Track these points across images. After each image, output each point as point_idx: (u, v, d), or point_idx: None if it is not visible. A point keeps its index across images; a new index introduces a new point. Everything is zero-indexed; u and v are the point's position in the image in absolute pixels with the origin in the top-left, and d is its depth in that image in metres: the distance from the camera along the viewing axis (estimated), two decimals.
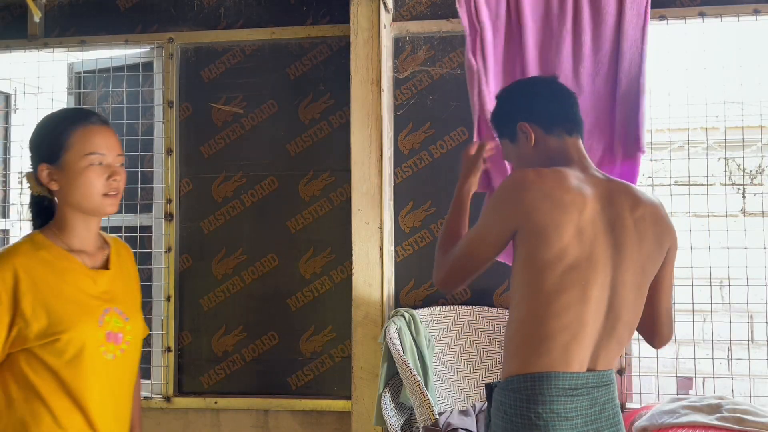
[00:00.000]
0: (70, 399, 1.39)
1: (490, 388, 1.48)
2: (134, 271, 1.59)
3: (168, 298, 2.93)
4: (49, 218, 1.47)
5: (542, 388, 1.34)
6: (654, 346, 1.61)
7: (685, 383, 2.80)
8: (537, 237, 1.36)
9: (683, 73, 2.68)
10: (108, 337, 1.43)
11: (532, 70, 2.44)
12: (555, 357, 1.34)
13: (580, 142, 1.56)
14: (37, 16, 3.01)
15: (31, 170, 1.46)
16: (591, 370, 1.37)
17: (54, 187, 1.42)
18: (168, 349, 2.93)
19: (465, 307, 2.70)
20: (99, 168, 1.41)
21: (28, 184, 1.47)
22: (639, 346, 2.64)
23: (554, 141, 1.54)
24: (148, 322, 2.97)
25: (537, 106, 1.57)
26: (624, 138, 2.35)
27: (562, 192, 1.38)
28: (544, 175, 1.41)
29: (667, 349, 2.61)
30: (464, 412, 2.43)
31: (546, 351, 1.34)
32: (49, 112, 1.51)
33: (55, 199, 1.45)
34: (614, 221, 1.40)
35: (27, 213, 1.52)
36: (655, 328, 1.55)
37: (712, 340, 2.58)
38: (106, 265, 1.49)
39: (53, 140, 1.41)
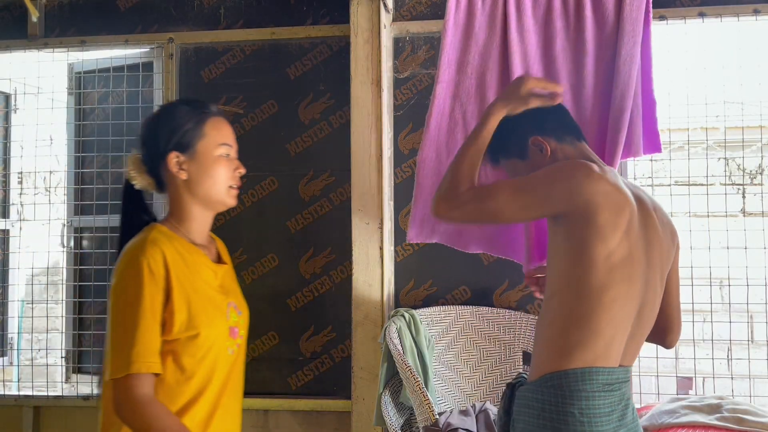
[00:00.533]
0: (195, 396, 1.37)
1: (512, 386, 1.47)
2: (232, 266, 1.59)
3: None
4: (150, 217, 1.45)
5: (585, 384, 1.33)
6: (667, 346, 1.63)
7: (685, 383, 2.80)
8: (594, 233, 1.34)
9: (683, 73, 2.68)
10: (230, 332, 1.43)
11: (535, 71, 2.44)
12: (598, 352, 1.35)
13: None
14: (34, 15, 3.01)
15: (136, 161, 1.42)
16: (621, 365, 1.40)
17: (183, 176, 1.39)
18: None
19: (465, 307, 2.70)
20: (228, 159, 1.42)
21: (131, 177, 1.43)
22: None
23: (569, 148, 1.53)
24: None
25: (546, 117, 1.55)
26: (612, 137, 2.34)
27: (618, 192, 1.38)
28: (605, 172, 1.39)
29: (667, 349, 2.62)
30: (464, 412, 2.43)
31: (591, 346, 1.34)
32: (159, 106, 1.48)
33: (178, 188, 1.41)
34: (645, 220, 1.44)
35: (123, 209, 1.46)
36: (668, 325, 1.59)
37: (712, 340, 2.58)
38: (219, 259, 1.49)
39: (188, 128, 1.39)
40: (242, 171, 1.44)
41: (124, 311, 1.29)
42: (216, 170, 1.40)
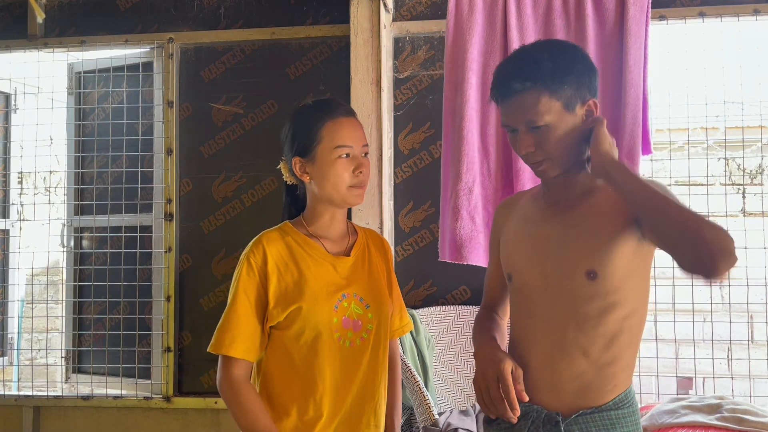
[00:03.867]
0: (302, 384, 1.41)
1: (555, 422, 1.29)
2: (384, 263, 1.58)
3: (168, 298, 2.93)
4: (302, 206, 1.54)
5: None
6: None
7: (685, 383, 2.80)
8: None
9: (683, 73, 2.68)
10: (345, 323, 1.43)
11: None
12: None
13: None
14: (40, 17, 3.02)
15: (284, 160, 1.53)
16: None
17: (306, 179, 1.47)
18: (168, 349, 2.93)
19: (465, 307, 2.70)
20: (346, 161, 1.44)
21: (283, 174, 1.54)
22: (639, 347, 2.64)
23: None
24: (148, 322, 2.98)
25: (597, 90, 1.36)
26: (630, 138, 2.36)
27: None
28: None
29: (667, 349, 2.62)
30: (464, 412, 2.43)
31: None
32: (307, 105, 1.52)
33: (307, 188, 1.50)
34: None
35: (283, 200, 1.61)
36: None
37: (712, 340, 2.58)
38: (348, 253, 1.51)
39: (306, 134, 1.45)
40: (364, 170, 1.45)
41: (229, 298, 1.46)
42: (333, 173, 1.43)
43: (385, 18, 2.72)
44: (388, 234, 2.72)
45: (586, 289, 1.27)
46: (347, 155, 1.44)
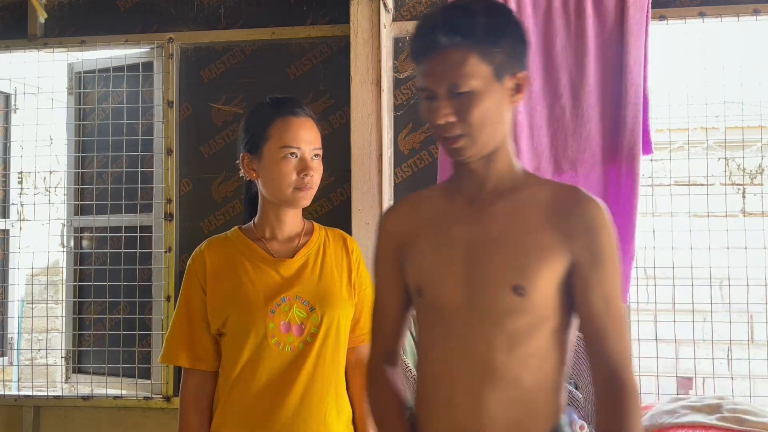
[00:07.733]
0: (242, 388, 1.41)
1: None
2: (347, 264, 1.53)
3: (168, 298, 2.93)
4: (250, 209, 1.54)
5: None
6: None
7: (685, 383, 2.79)
8: None
9: (683, 73, 2.68)
10: (284, 328, 1.40)
11: (535, 68, 2.44)
12: None
13: None
14: (42, 17, 3.03)
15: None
16: None
17: (253, 176, 1.46)
18: None
19: None
20: (293, 161, 1.42)
21: (241, 170, 1.52)
22: (639, 346, 2.64)
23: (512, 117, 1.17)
24: (148, 322, 2.98)
25: (528, 65, 1.16)
26: (631, 137, 2.36)
27: None
28: None
29: (667, 349, 2.62)
30: None
31: None
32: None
33: (258, 186, 1.49)
34: None
35: (244, 198, 1.58)
36: None
37: (712, 340, 2.58)
38: (294, 254, 1.47)
39: (256, 131, 1.44)
40: (311, 173, 1.43)
41: (176, 308, 1.49)
42: (278, 172, 1.41)
43: (385, 18, 2.72)
44: None
45: (514, 305, 1.08)
46: (294, 156, 1.42)
